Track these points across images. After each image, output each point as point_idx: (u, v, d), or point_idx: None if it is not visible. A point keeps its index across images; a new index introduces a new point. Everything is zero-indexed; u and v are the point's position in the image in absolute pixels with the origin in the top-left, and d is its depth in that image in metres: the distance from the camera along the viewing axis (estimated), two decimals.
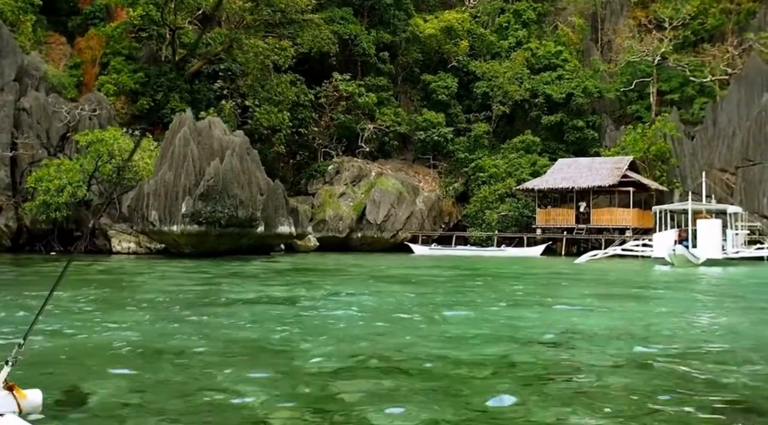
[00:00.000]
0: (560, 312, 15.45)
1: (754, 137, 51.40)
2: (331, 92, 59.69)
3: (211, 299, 17.54)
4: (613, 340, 11.40)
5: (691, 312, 15.84)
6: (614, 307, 16.47)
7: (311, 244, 51.99)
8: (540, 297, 19.02)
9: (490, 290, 21.59)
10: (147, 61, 56.43)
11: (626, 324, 13.35)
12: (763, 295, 21.68)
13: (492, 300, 17.91)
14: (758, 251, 41.78)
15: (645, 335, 11.96)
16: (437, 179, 64.01)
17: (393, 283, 23.68)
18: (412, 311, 15.28)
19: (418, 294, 19.50)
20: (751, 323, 13.87)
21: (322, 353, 9.79)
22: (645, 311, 15.66)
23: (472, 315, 14.88)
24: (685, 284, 26.22)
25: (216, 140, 39.50)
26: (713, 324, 13.69)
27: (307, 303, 16.67)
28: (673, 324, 13.58)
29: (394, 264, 36.89)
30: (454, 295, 19.44)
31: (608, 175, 52.88)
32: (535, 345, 10.82)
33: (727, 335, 12.01)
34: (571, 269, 35.37)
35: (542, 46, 67.68)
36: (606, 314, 15.06)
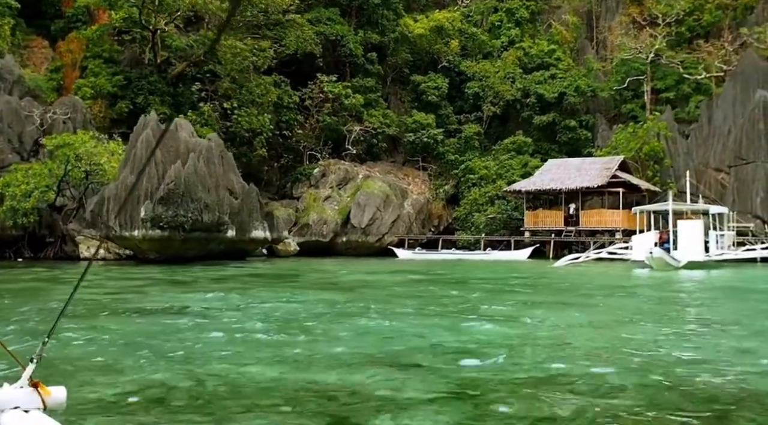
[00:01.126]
0: (468, 322, 14.19)
1: (747, 134, 49.82)
2: (316, 94, 58.52)
3: (105, 308, 16.40)
4: (463, 355, 10.15)
5: (621, 323, 14.47)
6: (538, 316, 15.21)
7: (291, 248, 50.90)
8: (468, 306, 17.77)
9: (425, 297, 20.34)
10: (129, 64, 55.52)
11: (520, 338, 12.07)
12: (729, 302, 20.33)
13: (413, 309, 16.67)
14: (744, 253, 40.13)
15: (518, 350, 10.69)
16: (427, 182, 62.74)
17: (333, 290, 22.50)
18: (307, 322, 14.11)
19: (344, 302, 18.36)
20: (677, 338, 12.46)
21: (108, 382, 8.56)
22: (568, 322, 14.37)
23: (369, 326, 13.71)
24: (649, 289, 24.89)
25: (182, 142, 38.42)
26: (626, 340, 12.26)
27: (206, 315, 15.46)
28: (581, 337, 12.27)
29: (361, 269, 35.69)
30: (380, 303, 18.20)
31: (597, 176, 51.44)
32: (377, 367, 9.55)
33: (623, 356, 10.58)
34: (543, 273, 34.07)
35: (535, 45, 66.35)
36: (517, 326, 13.77)
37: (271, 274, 30.27)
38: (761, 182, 48.15)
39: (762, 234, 46.93)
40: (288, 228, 54.64)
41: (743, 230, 47.31)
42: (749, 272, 34.58)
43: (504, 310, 16.43)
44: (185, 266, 35.02)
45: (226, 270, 32.34)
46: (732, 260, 40.95)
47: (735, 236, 43.70)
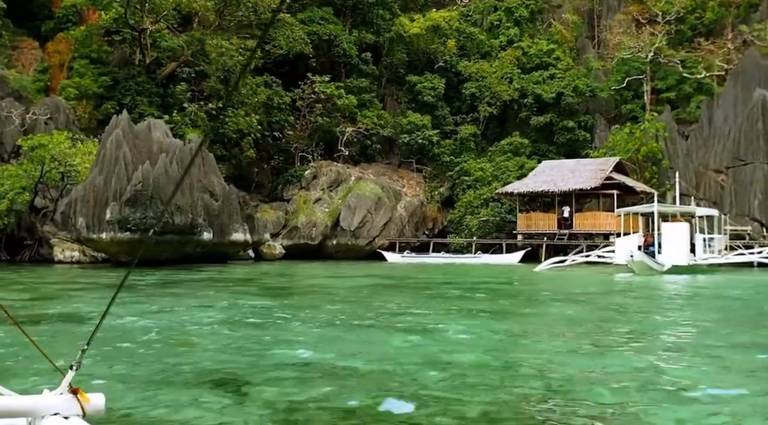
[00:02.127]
0: (368, 333, 13.11)
1: (746, 135, 48.30)
2: (308, 95, 57.52)
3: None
4: (293, 372, 9.07)
5: (534, 337, 13.21)
6: (457, 327, 14.07)
7: (276, 252, 49.93)
8: (394, 313, 16.66)
9: (358, 303, 19.23)
10: (118, 64, 54.84)
11: (394, 355, 10.93)
12: (691, 311, 19.10)
13: (326, 318, 15.59)
14: (732, 257, 38.63)
15: (369, 369, 9.60)
16: (422, 184, 61.60)
17: (273, 296, 21.50)
18: (202, 330, 13.13)
19: (273, 307, 17.46)
20: (569, 357, 11.24)
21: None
22: (478, 336, 13.21)
23: (246, 336, 12.69)
24: (618, 295, 23.65)
25: (155, 143, 37.57)
26: (508, 361, 10.97)
27: (69, 320, 14.45)
28: (463, 357, 11.07)
29: (332, 273, 34.65)
30: (302, 310, 17.19)
31: (591, 177, 50.09)
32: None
33: (461, 388, 9.22)
34: (519, 278, 32.90)
35: (534, 45, 65.03)
36: (415, 340, 12.61)
37: (231, 279, 29.26)
38: (759, 184, 46.64)
39: (760, 238, 45.39)
40: (277, 231, 53.84)
41: (740, 233, 45.85)
42: (737, 278, 33.20)
43: (428, 319, 15.29)
44: (155, 269, 34.12)
45: (189, 274, 31.42)
46: (727, 264, 39.56)
47: (728, 239, 42.23)
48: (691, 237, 36.91)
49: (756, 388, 8.36)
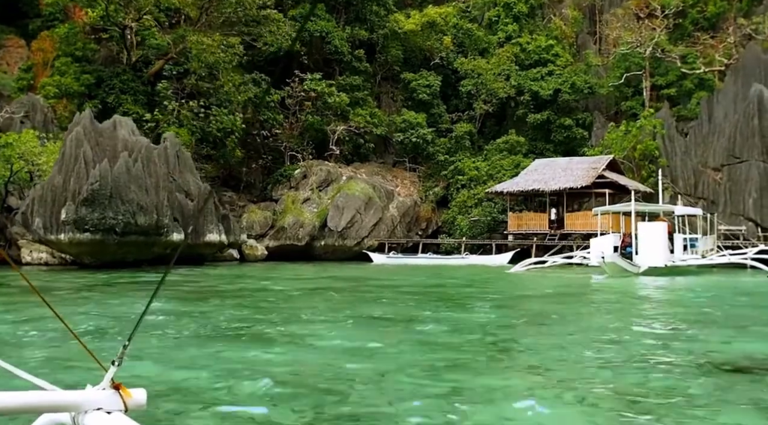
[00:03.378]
0: (214, 346, 11.89)
1: (742, 132, 46.52)
2: (298, 92, 56.36)
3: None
4: None
5: (384, 355, 12.00)
6: (329, 337, 12.84)
7: (258, 253, 48.85)
8: (287, 318, 15.45)
9: (270, 309, 18.05)
10: (104, 62, 54.08)
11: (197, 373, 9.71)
12: (628, 317, 17.71)
13: (196, 325, 14.42)
14: (718, 259, 36.88)
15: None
16: (417, 183, 60.27)
17: (188, 300, 20.32)
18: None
19: (162, 313, 16.25)
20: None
21: None
22: (332, 347, 11.99)
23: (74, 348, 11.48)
24: (558, 299, 22.26)
25: (120, 141, 36.57)
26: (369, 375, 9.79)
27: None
28: (315, 364, 9.86)
29: (299, 275, 33.49)
30: (189, 316, 16.01)
31: (583, 176, 48.54)
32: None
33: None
34: (488, 279, 31.56)
35: (533, 41, 63.43)
36: (257, 354, 11.40)
37: (178, 281, 28.11)
38: (754, 182, 44.86)
39: (754, 238, 43.62)
40: (264, 231, 52.80)
41: (734, 233, 44.12)
42: (717, 280, 31.62)
43: (308, 330, 14.02)
44: (115, 272, 33.15)
45: (138, 276, 30.32)
46: (719, 265, 37.93)
47: (716, 239, 40.53)
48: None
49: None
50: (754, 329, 14.14)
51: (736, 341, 12.53)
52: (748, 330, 13.99)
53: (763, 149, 45.21)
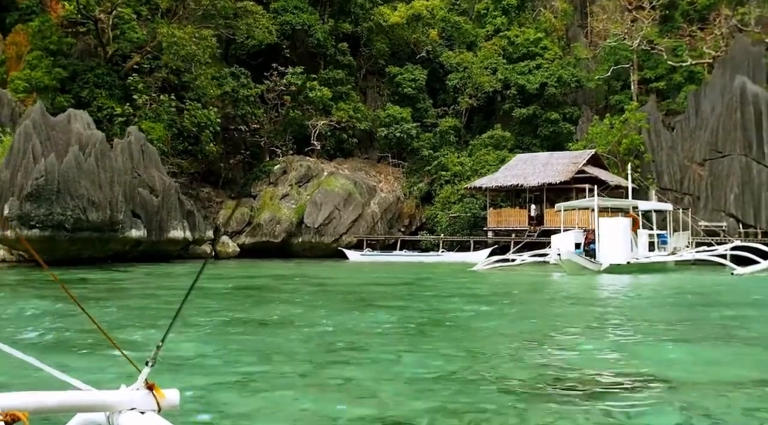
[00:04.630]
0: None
1: (724, 125, 45.14)
2: (278, 87, 55.36)
3: None
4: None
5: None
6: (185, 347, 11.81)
7: (230, 250, 47.93)
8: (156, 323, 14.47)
9: (164, 308, 17.08)
10: (80, 56, 53.27)
11: None
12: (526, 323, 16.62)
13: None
14: (671, 256, 35.45)
15: None
16: (401, 179, 59.16)
17: (104, 299, 19.41)
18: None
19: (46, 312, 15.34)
20: None
21: None
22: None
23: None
24: (484, 299, 21.17)
25: (74, 135, 35.69)
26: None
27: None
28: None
29: (249, 274, 32.51)
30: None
31: (563, 171, 47.37)
32: None
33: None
34: (443, 278, 30.48)
35: (522, 34, 62.13)
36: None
37: (112, 279, 27.20)
38: (736, 177, 43.48)
39: (735, 234, 42.27)
40: (241, 228, 51.90)
41: (714, 230, 42.78)
42: (681, 278, 30.42)
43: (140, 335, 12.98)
44: (66, 269, 32.26)
45: (73, 274, 29.39)
46: (698, 262, 36.64)
47: (690, 236, 39.20)
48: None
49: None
50: (651, 336, 12.98)
51: (603, 351, 11.40)
52: (639, 339, 12.83)
53: (745, 142, 43.84)
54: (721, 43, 52.26)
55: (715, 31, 52.29)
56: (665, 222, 37.79)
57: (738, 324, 14.78)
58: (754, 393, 8.27)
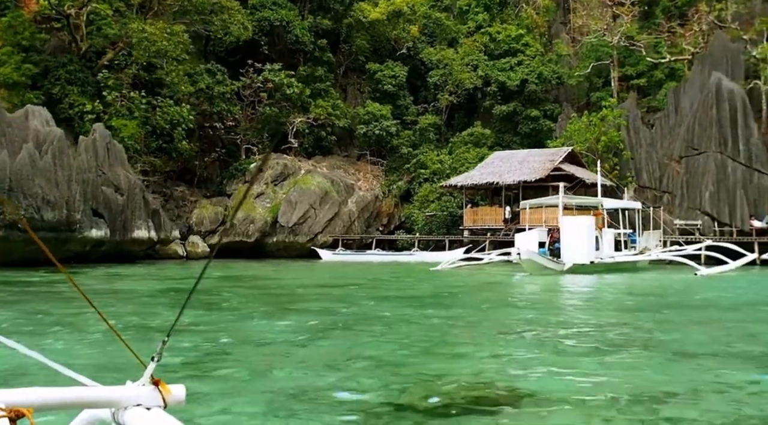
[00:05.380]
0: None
1: (700, 122, 44.40)
2: (255, 83, 54.64)
3: None
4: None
5: None
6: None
7: (199, 250, 47.29)
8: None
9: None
10: (53, 52, 52.60)
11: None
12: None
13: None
14: (635, 256, 34.75)
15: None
16: (381, 177, 58.47)
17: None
18: None
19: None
20: None
21: None
22: None
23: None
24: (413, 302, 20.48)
25: (31, 132, 35.03)
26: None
27: None
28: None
29: (189, 274, 31.76)
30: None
31: (539, 168, 46.66)
32: None
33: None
34: (401, 278, 29.83)
35: (503, 31, 61.39)
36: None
37: (52, 281, 26.51)
38: (711, 175, 42.74)
39: (710, 233, 41.55)
40: (214, 227, 51.25)
41: (689, 228, 42.10)
42: (643, 278, 29.73)
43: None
44: (16, 270, 31.63)
45: (6, 277, 28.70)
46: (671, 263, 35.94)
47: (661, 235, 38.49)
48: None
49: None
50: (549, 345, 12.29)
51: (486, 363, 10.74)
52: (534, 347, 12.15)
53: (721, 139, 43.11)
54: (701, 39, 51.46)
55: (694, 28, 51.46)
56: (644, 221, 37.17)
57: (662, 328, 14.10)
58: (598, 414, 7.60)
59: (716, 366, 9.96)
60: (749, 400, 8.14)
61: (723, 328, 14.26)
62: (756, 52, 47.78)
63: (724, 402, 8.01)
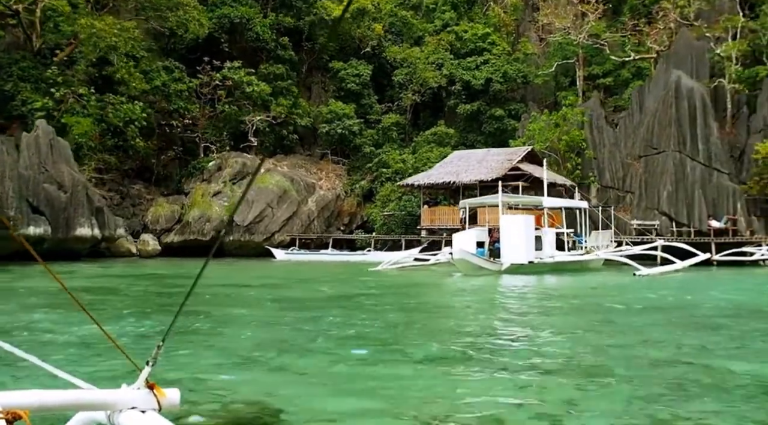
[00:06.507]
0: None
1: (660, 121, 43.57)
2: (214, 81, 53.63)
3: None
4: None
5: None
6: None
7: (150, 248, 46.29)
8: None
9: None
10: (7, 49, 51.55)
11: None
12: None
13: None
14: (575, 256, 33.84)
15: None
16: (343, 177, 57.53)
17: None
18: None
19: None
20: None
21: None
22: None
23: None
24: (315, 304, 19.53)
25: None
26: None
27: None
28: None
29: (117, 273, 30.88)
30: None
31: (496, 168, 45.74)
32: None
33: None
34: (338, 276, 28.93)
35: (470, 29, 60.50)
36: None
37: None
38: (670, 174, 41.88)
39: (668, 234, 40.68)
40: (170, 226, 50.25)
41: (647, 228, 41.25)
42: (583, 280, 28.82)
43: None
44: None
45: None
46: (632, 259, 35.02)
47: (612, 235, 37.61)
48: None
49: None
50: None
51: None
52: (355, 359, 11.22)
53: (680, 138, 42.27)
54: (665, 38, 50.66)
55: (659, 26, 50.65)
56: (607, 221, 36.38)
57: (531, 336, 13.19)
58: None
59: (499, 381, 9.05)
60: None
61: (598, 336, 13.34)
62: (720, 50, 46.96)
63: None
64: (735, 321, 15.03)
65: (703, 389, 8.33)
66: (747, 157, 43.55)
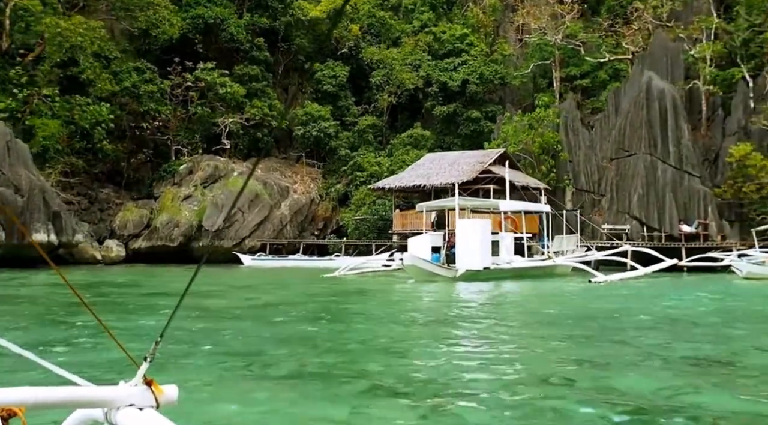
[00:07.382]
0: None
1: (632, 123, 42.80)
2: (186, 83, 52.75)
3: None
4: None
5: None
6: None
7: (113, 254, 45.43)
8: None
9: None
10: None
11: None
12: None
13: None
14: (537, 261, 33.00)
15: None
16: (319, 180, 56.66)
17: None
18: None
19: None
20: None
21: None
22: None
23: None
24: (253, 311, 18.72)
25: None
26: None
27: None
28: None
29: (52, 281, 29.88)
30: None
31: (467, 171, 44.88)
32: None
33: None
34: (293, 282, 28.12)
35: (448, 30, 59.71)
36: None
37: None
38: (640, 177, 41.07)
39: (638, 238, 39.85)
40: (138, 231, 49.35)
41: (618, 232, 40.41)
42: (540, 286, 27.98)
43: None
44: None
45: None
46: (602, 263, 34.26)
47: (578, 239, 36.78)
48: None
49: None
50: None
51: None
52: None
53: (651, 140, 41.50)
54: (641, 39, 49.89)
55: (634, 26, 49.88)
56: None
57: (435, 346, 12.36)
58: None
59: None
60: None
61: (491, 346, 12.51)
62: (694, 51, 46.18)
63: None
64: (645, 333, 14.22)
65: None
66: (722, 160, 42.81)
